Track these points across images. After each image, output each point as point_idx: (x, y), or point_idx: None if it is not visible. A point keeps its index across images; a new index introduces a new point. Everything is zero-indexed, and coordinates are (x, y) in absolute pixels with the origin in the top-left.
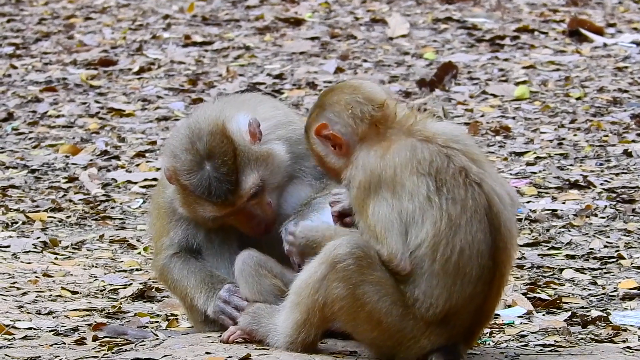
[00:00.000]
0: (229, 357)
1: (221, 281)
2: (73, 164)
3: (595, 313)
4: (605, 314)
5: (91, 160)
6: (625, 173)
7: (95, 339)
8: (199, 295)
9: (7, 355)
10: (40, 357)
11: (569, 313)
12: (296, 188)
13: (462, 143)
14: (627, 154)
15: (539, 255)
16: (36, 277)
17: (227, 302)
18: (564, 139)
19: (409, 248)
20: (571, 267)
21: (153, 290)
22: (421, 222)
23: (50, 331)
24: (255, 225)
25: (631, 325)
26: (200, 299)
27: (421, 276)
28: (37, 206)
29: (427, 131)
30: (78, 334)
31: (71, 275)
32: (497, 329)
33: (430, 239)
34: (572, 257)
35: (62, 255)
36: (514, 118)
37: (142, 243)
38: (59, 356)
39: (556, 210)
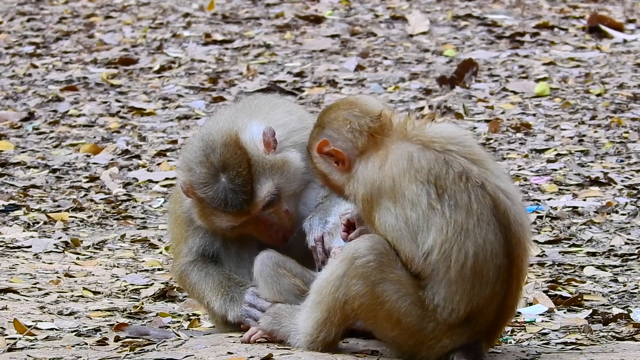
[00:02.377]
0: (251, 357)
1: (238, 284)
2: (94, 163)
3: (616, 310)
4: (626, 312)
5: (112, 159)
6: None
7: (117, 339)
8: (215, 299)
9: (30, 356)
10: (62, 357)
11: (590, 310)
12: (312, 192)
13: (461, 144)
14: None
15: (559, 252)
16: (58, 277)
17: (252, 305)
18: (584, 135)
19: (422, 254)
20: (592, 265)
21: (175, 290)
22: (427, 230)
23: (72, 332)
24: (273, 234)
25: None
26: (217, 303)
27: (439, 283)
28: (58, 206)
29: (424, 136)
30: (100, 334)
31: (93, 275)
32: (519, 327)
33: (440, 246)
34: (593, 254)
35: (84, 255)
36: (534, 115)
37: (164, 242)
38: (81, 357)
39: (577, 208)
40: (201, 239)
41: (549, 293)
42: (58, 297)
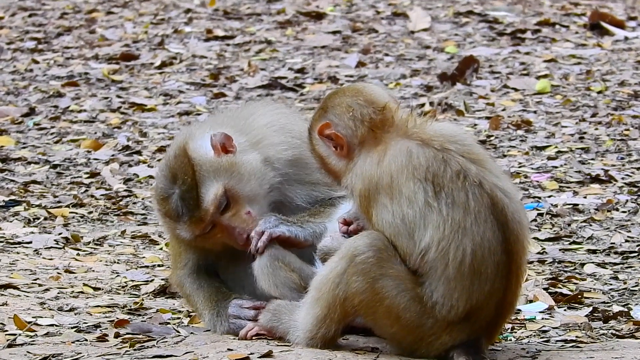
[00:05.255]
0: (251, 353)
1: (225, 297)
2: (95, 159)
3: (616, 308)
4: (626, 309)
5: (113, 155)
6: None
7: (117, 335)
8: (206, 313)
9: (29, 353)
10: (62, 354)
11: (590, 308)
12: (289, 211)
13: (460, 143)
14: None
15: (560, 249)
16: (58, 273)
17: (237, 317)
18: (585, 133)
19: (420, 251)
20: (592, 262)
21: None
22: (423, 227)
23: (72, 328)
24: (237, 237)
25: None
26: (207, 317)
27: (437, 280)
28: (58, 202)
29: (424, 134)
30: (100, 330)
31: (93, 271)
32: (519, 325)
33: (437, 244)
34: (594, 251)
35: (84, 251)
36: (535, 112)
37: (164, 238)
38: (80, 353)
39: (577, 205)
40: (194, 254)
41: (549, 290)
42: (58, 293)
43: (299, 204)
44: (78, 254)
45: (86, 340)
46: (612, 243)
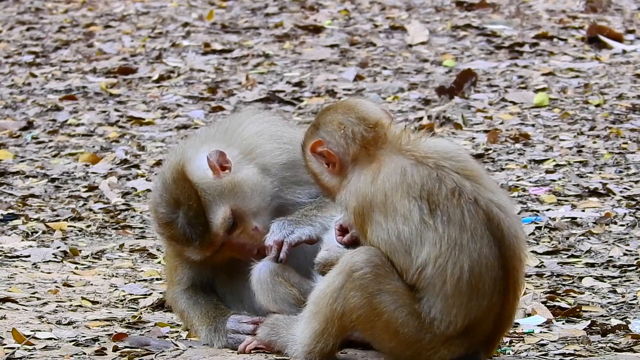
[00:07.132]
0: None
1: (223, 313)
2: (93, 172)
3: (614, 321)
4: (624, 323)
5: (111, 169)
6: None
7: (115, 349)
8: (202, 329)
9: None
10: None
11: (589, 322)
12: (291, 212)
13: (454, 159)
14: None
15: (558, 263)
16: (56, 287)
17: (235, 331)
18: (583, 146)
19: (417, 267)
20: (591, 276)
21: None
22: (420, 244)
23: (70, 341)
24: (247, 253)
25: None
26: (203, 333)
27: (435, 297)
28: (57, 215)
29: (418, 151)
30: (98, 344)
31: (91, 285)
32: (517, 338)
33: (434, 260)
34: (592, 265)
35: (82, 264)
36: (533, 125)
37: (162, 252)
38: None
39: (575, 218)
40: (189, 269)
41: (547, 304)
42: (57, 306)
43: (300, 203)
44: (76, 268)
45: (84, 353)
46: (610, 256)
